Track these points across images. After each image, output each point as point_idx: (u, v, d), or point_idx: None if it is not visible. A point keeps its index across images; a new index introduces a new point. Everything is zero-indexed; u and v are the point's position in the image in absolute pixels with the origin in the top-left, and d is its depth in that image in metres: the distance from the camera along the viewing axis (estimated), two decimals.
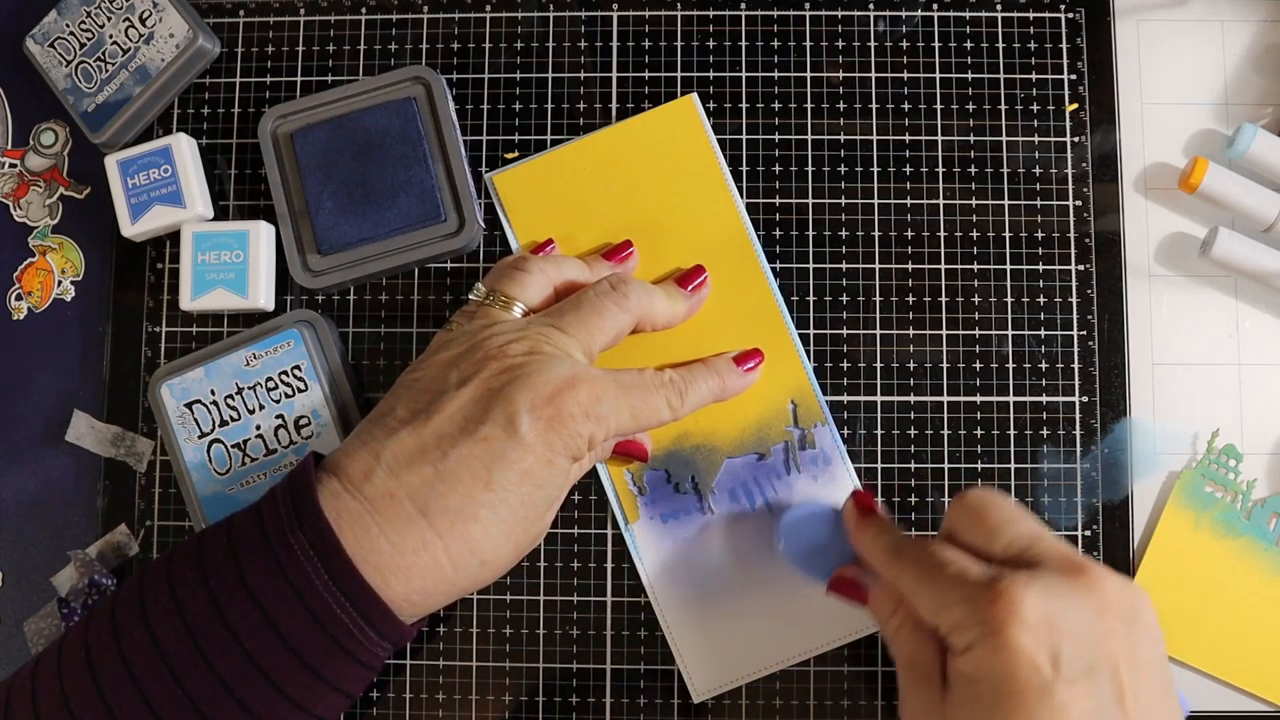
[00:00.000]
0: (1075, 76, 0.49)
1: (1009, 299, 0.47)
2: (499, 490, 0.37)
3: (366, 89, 0.48)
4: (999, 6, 0.49)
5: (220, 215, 0.49)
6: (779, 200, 0.48)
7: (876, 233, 0.48)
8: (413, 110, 0.47)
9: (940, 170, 0.48)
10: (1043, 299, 0.47)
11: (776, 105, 0.49)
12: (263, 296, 0.47)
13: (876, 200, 0.48)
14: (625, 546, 0.46)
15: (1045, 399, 0.47)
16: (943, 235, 0.48)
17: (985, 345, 0.47)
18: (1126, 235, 0.48)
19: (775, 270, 0.48)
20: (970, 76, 0.49)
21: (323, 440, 0.45)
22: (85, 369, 0.49)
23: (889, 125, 0.49)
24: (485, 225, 0.48)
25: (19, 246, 0.50)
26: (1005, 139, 0.48)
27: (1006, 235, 0.48)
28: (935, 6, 0.49)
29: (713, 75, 0.49)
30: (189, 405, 0.46)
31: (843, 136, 0.49)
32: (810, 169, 0.48)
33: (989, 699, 0.32)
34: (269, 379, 0.45)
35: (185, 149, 0.47)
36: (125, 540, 0.47)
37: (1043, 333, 0.47)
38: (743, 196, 0.48)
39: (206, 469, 0.45)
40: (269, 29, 0.50)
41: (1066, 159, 0.48)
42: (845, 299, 0.48)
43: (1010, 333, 0.47)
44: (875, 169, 0.48)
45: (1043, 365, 0.47)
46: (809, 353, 0.47)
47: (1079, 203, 0.48)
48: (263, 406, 0.45)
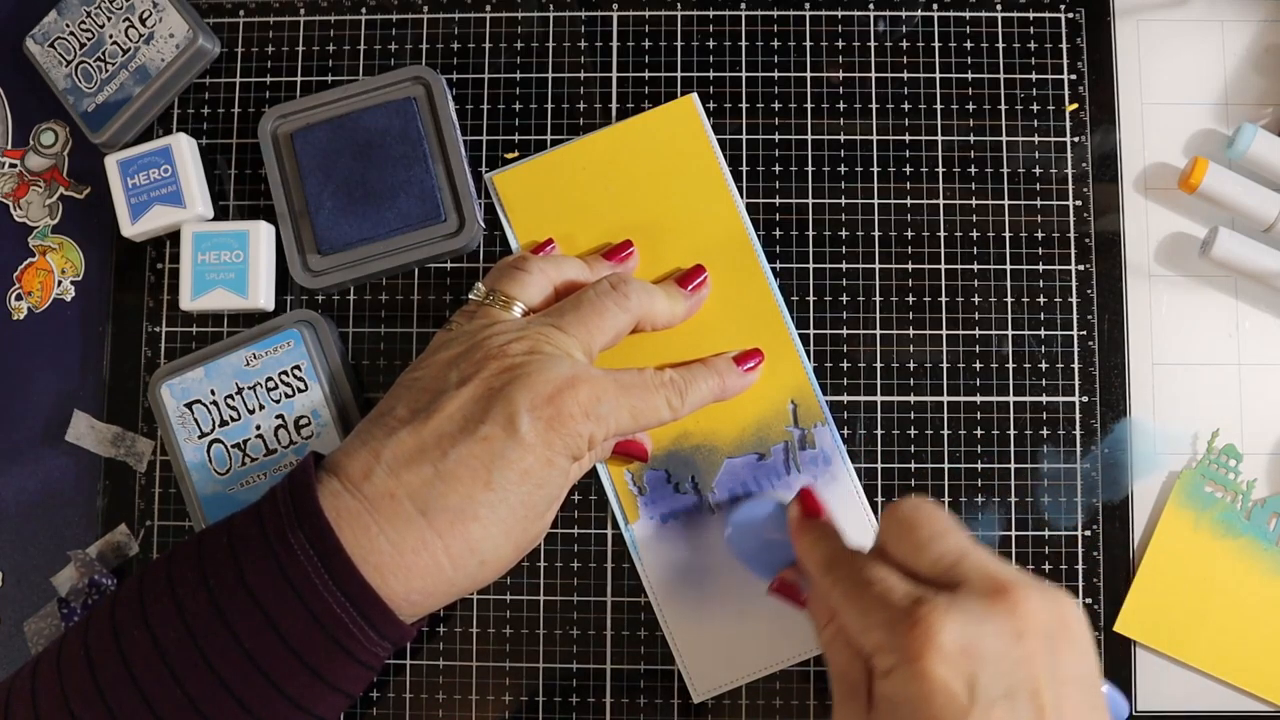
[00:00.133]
0: (1075, 76, 0.49)
1: (1009, 299, 0.47)
2: (499, 490, 0.37)
3: (366, 89, 0.48)
4: (999, 6, 0.49)
5: (220, 215, 0.49)
6: (779, 200, 0.48)
7: (876, 233, 0.48)
8: (413, 110, 0.47)
9: (940, 170, 0.48)
10: (1043, 299, 0.47)
11: (776, 105, 0.49)
12: (263, 296, 0.47)
13: (876, 200, 0.48)
14: (625, 546, 0.46)
15: (1045, 399, 0.47)
16: (943, 235, 0.48)
17: (985, 345, 0.47)
18: (1126, 235, 0.48)
19: (775, 270, 0.48)
20: (970, 76, 0.49)
21: (323, 440, 0.45)
22: (85, 369, 0.49)
23: (889, 125, 0.49)
24: (485, 225, 0.48)
25: (19, 246, 0.50)
26: (1005, 139, 0.48)
27: (1006, 235, 0.48)
28: (935, 6, 0.49)
29: (713, 75, 0.49)
30: (189, 405, 0.46)
31: (843, 136, 0.49)
32: (810, 169, 0.48)
33: None
34: (269, 379, 0.45)
35: (185, 149, 0.47)
36: (125, 540, 0.47)
37: (1043, 333, 0.47)
38: (743, 196, 0.48)
39: (206, 469, 0.45)
40: (269, 29, 0.50)
41: (1066, 159, 0.48)
42: (845, 299, 0.48)
43: (1010, 333, 0.47)
44: (875, 169, 0.48)
45: (1043, 365, 0.47)
46: (809, 353, 0.47)
47: (1079, 203, 0.48)
48: (263, 406, 0.45)
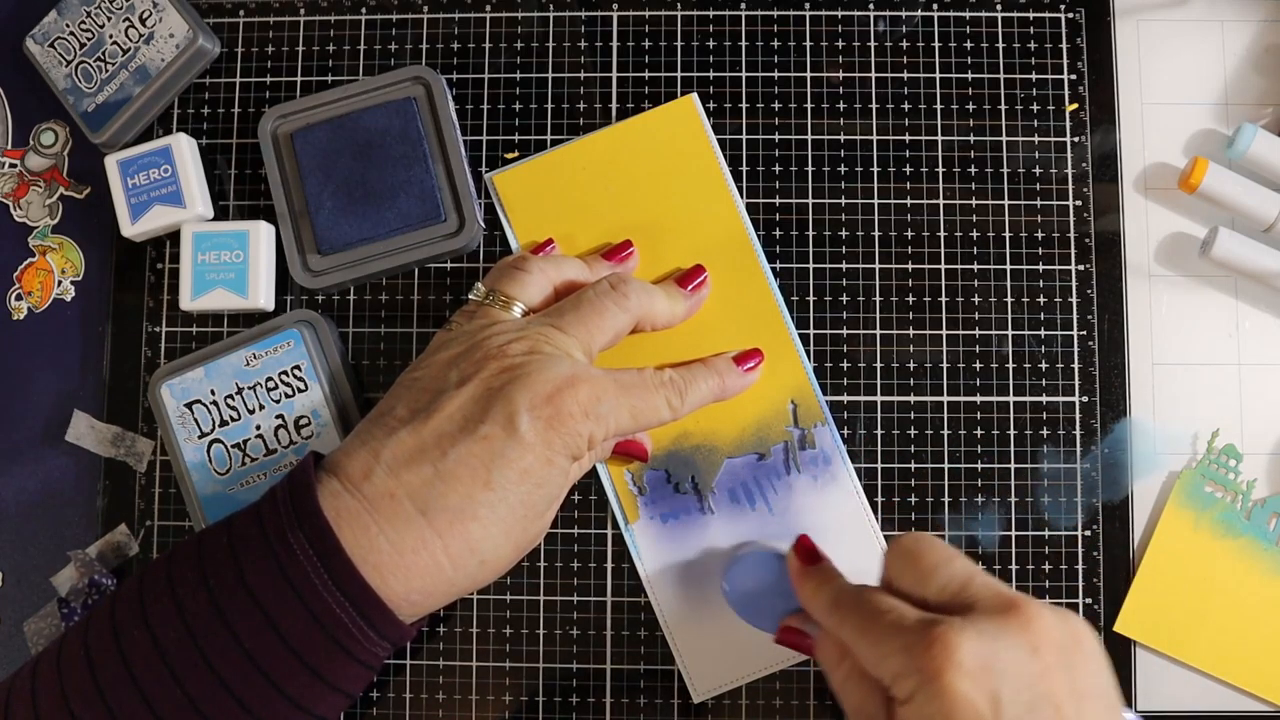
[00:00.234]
0: (1075, 76, 0.49)
1: (1009, 299, 0.47)
2: (498, 489, 0.37)
3: (366, 89, 0.48)
4: (999, 6, 0.49)
5: (220, 215, 0.49)
6: (779, 200, 0.48)
7: (876, 233, 0.48)
8: (413, 110, 0.47)
9: (940, 170, 0.48)
10: (1043, 299, 0.47)
11: (776, 105, 0.49)
12: (263, 296, 0.47)
13: (876, 200, 0.48)
14: (625, 546, 0.46)
15: (1045, 399, 0.47)
16: (943, 235, 0.48)
17: (985, 345, 0.47)
18: (1126, 235, 0.48)
19: (775, 270, 0.48)
20: (970, 76, 0.49)
21: (323, 440, 0.45)
22: (85, 369, 0.49)
23: (889, 125, 0.49)
24: (485, 225, 0.48)
25: (19, 246, 0.50)
26: (1005, 139, 0.48)
27: (1006, 235, 0.48)
28: (935, 6, 0.49)
29: (713, 75, 0.49)
30: (189, 405, 0.46)
31: (843, 136, 0.49)
32: (810, 169, 0.48)
33: None
34: (269, 379, 0.45)
35: (185, 149, 0.47)
36: (125, 540, 0.47)
37: (1043, 333, 0.47)
38: (743, 196, 0.48)
39: (206, 469, 0.45)
40: (269, 29, 0.50)
41: (1066, 159, 0.48)
42: (845, 299, 0.48)
43: (1010, 333, 0.47)
44: (875, 169, 0.48)
45: (1043, 365, 0.47)
46: (809, 353, 0.47)
47: (1079, 203, 0.48)
48: (263, 406, 0.45)
